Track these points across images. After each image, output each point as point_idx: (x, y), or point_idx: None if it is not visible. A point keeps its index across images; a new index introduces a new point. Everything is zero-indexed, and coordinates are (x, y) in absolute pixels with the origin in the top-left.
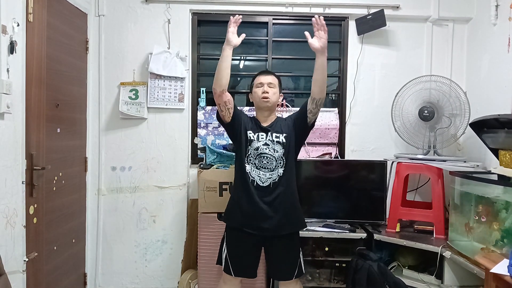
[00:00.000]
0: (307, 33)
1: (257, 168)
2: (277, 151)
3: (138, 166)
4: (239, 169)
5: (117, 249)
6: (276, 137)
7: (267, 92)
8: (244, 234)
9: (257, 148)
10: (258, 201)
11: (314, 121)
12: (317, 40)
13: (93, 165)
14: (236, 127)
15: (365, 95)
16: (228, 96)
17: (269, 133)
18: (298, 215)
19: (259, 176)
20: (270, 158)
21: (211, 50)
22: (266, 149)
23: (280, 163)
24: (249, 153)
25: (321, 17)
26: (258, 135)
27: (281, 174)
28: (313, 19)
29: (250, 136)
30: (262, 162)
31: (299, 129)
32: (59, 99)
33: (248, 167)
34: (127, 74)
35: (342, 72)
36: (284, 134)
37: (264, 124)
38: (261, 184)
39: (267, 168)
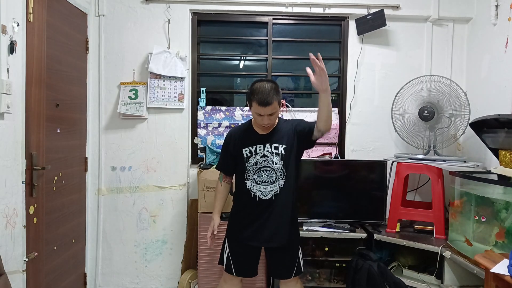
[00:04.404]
0: (309, 70)
1: (257, 183)
2: (276, 163)
3: (138, 166)
4: (240, 185)
5: (117, 249)
6: (275, 148)
7: (267, 123)
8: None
9: (255, 163)
10: (260, 215)
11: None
12: (319, 80)
13: (93, 165)
14: (235, 158)
15: (365, 95)
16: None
17: (267, 144)
18: (295, 229)
19: (260, 191)
20: (269, 171)
21: (211, 50)
22: (264, 161)
23: (281, 175)
24: (248, 169)
25: (318, 55)
26: (255, 148)
27: (282, 186)
28: (311, 56)
29: (246, 153)
30: (262, 176)
31: (302, 143)
32: (59, 99)
33: (248, 184)
34: (127, 74)
35: (342, 72)
36: (284, 145)
37: (262, 133)
38: (263, 198)
39: (268, 181)
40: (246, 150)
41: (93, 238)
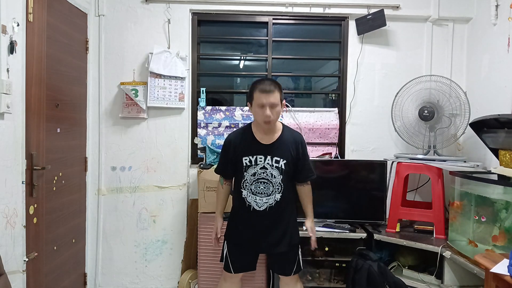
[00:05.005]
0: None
1: (253, 193)
2: (275, 177)
3: (138, 166)
4: (237, 192)
5: (117, 249)
6: (276, 161)
7: (269, 115)
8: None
9: (254, 174)
10: (255, 225)
11: None
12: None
13: (93, 165)
14: (234, 164)
15: (365, 95)
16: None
17: (269, 157)
18: (295, 234)
19: (255, 202)
20: (267, 184)
21: (211, 50)
22: (263, 173)
23: (278, 188)
24: (245, 178)
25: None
26: (256, 159)
27: (278, 200)
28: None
29: (245, 162)
30: (259, 187)
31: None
32: (59, 99)
33: (244, 193)
34: (127, 74)
35: (342, 72)
36: (284, 161)
37: (265, 142)
38: (257, 209)
39: (264, 193)
40: (246, 159)
41: (93, 238)
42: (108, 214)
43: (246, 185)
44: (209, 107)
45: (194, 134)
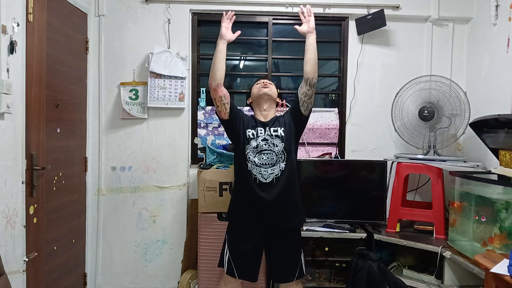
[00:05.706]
0: (297, 27)
1: (257, 166)
2: (276, 146)
3: (138, 166)
4: (240, 168)
5: (117, 249)
6: (275, 131)
7: (266, 80)
8: (246, 234)
9: (256, 146)
10: (262, 198)
11: (310, 110)
12: (305, 25)
13: (93, 165)
14: (234, 125)
15: (365, 95)
16: (223, 91)
17: (267, 128)
18: (301, 209)
19: (261, 173)
20: (270, 154)
21: (211, 50)
22: (265, 145)
23: (281, 157)
24: (247, 151)
25: (307, 6)
26: (257, 131)
27: (283, 169)
28: (299, 9)
29: (248, 135)
30: (262, 158)
31: (296, 119)
32: (59, 99)
33: (249, 165)
34: (127, 74)
35: (342, 72)
36: (282, 128)
37: (263, 120)
38: (263, 181)
39: (268, 164)
40: (249, 132)
41: (93, 238)
42: (108, 214)
43: (249, 157)
44: (209, 107)
45: (194, 134)
